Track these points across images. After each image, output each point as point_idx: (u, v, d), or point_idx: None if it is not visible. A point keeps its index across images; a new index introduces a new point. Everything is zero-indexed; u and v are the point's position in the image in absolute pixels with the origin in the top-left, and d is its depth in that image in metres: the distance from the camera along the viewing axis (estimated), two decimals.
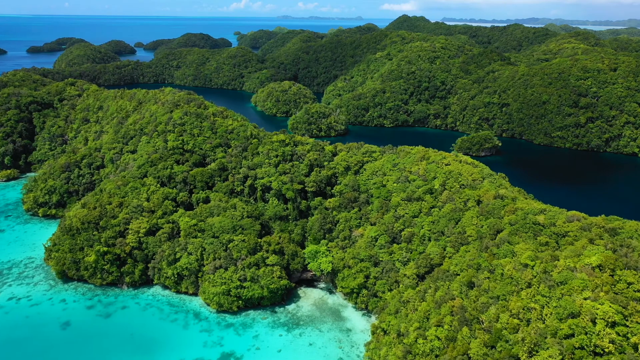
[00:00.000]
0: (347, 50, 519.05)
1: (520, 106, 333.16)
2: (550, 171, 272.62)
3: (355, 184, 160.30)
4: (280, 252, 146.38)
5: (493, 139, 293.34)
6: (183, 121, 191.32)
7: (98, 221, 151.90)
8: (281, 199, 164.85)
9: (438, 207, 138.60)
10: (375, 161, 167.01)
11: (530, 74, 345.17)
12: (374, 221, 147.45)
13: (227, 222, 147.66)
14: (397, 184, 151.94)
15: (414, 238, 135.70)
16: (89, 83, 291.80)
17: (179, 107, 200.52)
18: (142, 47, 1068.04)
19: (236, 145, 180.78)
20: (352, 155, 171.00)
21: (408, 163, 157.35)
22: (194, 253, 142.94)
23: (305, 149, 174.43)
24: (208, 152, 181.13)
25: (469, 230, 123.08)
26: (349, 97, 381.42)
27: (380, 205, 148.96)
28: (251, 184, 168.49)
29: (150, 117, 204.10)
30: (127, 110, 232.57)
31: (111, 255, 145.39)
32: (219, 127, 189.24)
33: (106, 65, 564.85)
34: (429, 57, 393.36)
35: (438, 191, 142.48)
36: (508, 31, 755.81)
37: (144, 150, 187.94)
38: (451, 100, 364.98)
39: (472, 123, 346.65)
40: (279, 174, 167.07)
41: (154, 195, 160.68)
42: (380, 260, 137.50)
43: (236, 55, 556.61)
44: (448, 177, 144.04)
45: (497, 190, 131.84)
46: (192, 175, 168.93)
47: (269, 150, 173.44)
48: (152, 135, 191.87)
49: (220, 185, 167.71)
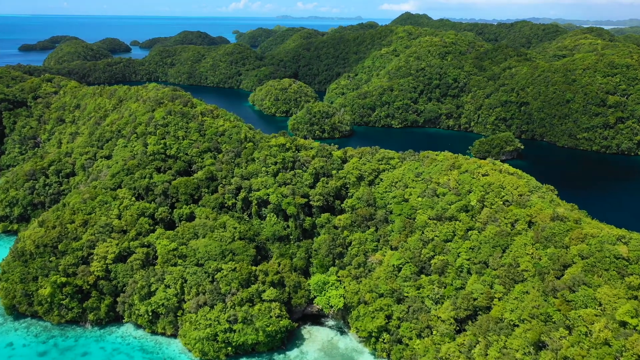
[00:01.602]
0: (350, 47, 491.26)
1: (541, 105, 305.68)
2: (580, 177, 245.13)
3: (371, 198, 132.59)
4: (280, 284, 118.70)
5: (514, 141, 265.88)
6: (166, 121, 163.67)
7: (57, 244, 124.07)
8: (281, 215, 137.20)
9: (477, 229, 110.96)
10: (394, 170, 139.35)
11: (551, 71, 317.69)
12: (396, 245, 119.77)
13: (214, 246, 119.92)
14: (423, 198, 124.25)
15: (448, 269, 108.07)
16: (68, 79, 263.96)
17: (162, 105, 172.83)
18: (137, 45, 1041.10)
19: (228, 150, 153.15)
20: (366, 162, 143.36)
21: (435, 172, 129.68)
22: (172, 285, 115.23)
23: (309, 154, 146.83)
24: (194, 158, 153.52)
25: (523, 263, 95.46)
26: (354, 96, 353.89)
27: (402, 225, 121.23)
28: (245, 197, 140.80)
29: (129, 116, 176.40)
30: (105, 109, 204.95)
31: (71, 287, 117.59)
32: (208, 129, 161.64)
33: (96, 63, 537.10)
34: (439, 52, 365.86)
35: (476, 209, 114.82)
36: (516, 28, 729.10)
37: (120, 155, 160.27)
38: (464, 99, 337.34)
39: (488, 123, 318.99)
40: (278, 185, 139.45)
41: (127, 211, 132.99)
42: (405, 296, 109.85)
43: (233, 52, 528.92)
44: (487, 191, 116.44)
45: (554, 209, 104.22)
46: (175, 186, 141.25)
47: (266, 156, 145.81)
48: (129, 138, 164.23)
49: (208, 199, 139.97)
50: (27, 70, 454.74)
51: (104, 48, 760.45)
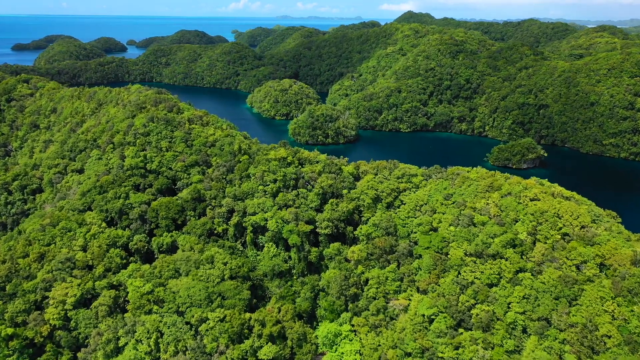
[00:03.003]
0: (354, 46, 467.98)
1: (562, 108, 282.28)
2: (612, 187, 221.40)
3: (390, 225, 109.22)
4: (281, 336, 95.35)
5: (537, 148, 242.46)
6: (147, 130, 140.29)
7: (4, 285, 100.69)
8: (281, 244, 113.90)
9: (530, 271, 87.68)
10: (417, 190, 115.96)
11: (572, 71, 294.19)
12: (425, 287, 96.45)
13: (199, 288, 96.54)
14: (456, 227, 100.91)
15: (496, 324, 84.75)
16: (47, 80, 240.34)
17: (143, 110, 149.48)
18: (134, 45, 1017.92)
19: (218, 165, 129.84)
20: (383, 179, 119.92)
21: (469, 195, 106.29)
22: (145, 340, 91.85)
23: (315, 170, 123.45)
24: (179, 174, 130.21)
25: (603, 325, 72.24)
26: (359, 98, 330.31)
27: (432, 261, 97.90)
28: (238, 223, 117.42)
29: (106, 123, 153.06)
30: (83, 113, 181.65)
31: (20, 340, 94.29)
32: (196, 139, 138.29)
33: (88, 62, 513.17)
34: (450, 51, 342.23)
35: (526, 244, 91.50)
36: (523, 27, 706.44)
37: (93, 169, 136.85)
38: (478, 101, 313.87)
39: (504, 128, 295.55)
40: (277, 207, 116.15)
41: (94, 241, 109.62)
42: (439, 358, 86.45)
43: (231, 51, 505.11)
44: (539, 221, 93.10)
45: (634, 250, 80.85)
46: (154, 208, 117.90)
47: (264, 172, 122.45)
48: (105, 149, 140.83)
49: (194, 224, 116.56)
50: (14, 70, 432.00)
51: (98, 47, 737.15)
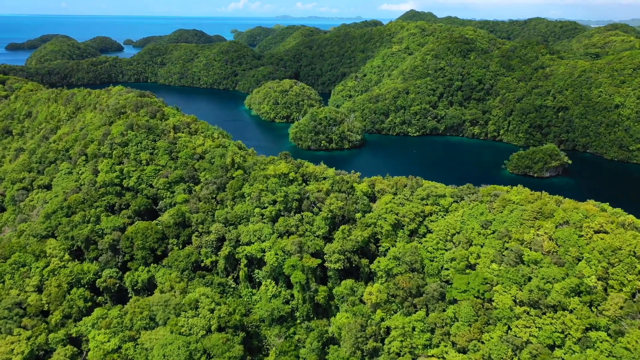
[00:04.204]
0: (357, 44, 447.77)
1: (583, 111, 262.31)
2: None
3: (416, 259, 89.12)
4: None
5: (560, 155, 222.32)
6: (126, 139, 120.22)
7: None
8: (282, 281, 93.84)
9: (606, 329, 67.55)
10: (447, 214, 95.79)
11: (593, 70, 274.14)
12: (463, 344, 76.31)
13: (178, 345, 76.42)
14: (500, 265, 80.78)
15: None
16: (26, 80, 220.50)
17: (122, 115, 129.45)
18: (131, 45, 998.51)
19: (208, 182, 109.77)
20: (404, 200, 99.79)
21: (513, 222, 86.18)
22: None
23: (322, 188, 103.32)
24: (161, 192, 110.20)
25: None
26: (364, 99, 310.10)
27: (472, 309, 77.79)
28: (230, 254, 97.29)
29: (80, 131, 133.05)
30: (59, 118, 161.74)
31: None
32: (182, 149, 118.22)
33: (80, 62, 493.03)
34: (460, 49, 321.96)
35: (597, 292, 71.37)
36: (530, 25, 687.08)
37: (62, 186, 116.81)
38: (492, 103, 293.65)
39: (520, 132, 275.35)
40: (277, 235, 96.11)
41: (53, 278, 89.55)
42: None
43: (229, 50, 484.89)
44: (611, 261, 73.04)
45: None
46: (129, 236, 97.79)
47: (261, 191, 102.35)
48: (76, 162, 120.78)
49: (176, 256, 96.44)
50: (2, 70, 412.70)
51: (93, 47, 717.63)
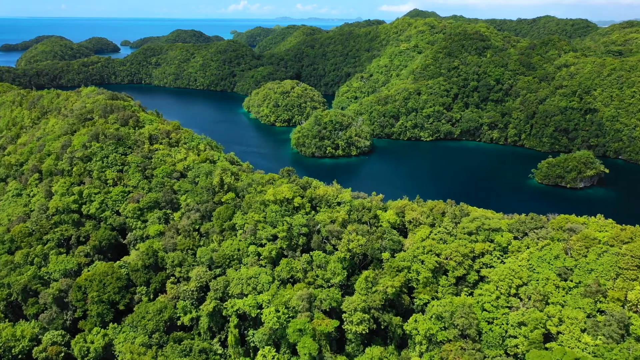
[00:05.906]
0: (361, 43, 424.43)
1: (614, 113, 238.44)
2: None
3: (468, 321, 64.75)
4: None
5: (595, 163, 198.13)
6: (89, 152, 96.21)
7: None
8: (285, 346, 69.49)
9: None
10: (506, 255, 71.33)
11: (624, 69, 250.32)
12: None
13: None
14: (596, 339, 56.41)
15: None
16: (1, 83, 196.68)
17: (88, 122, 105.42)
18: (128, 45, 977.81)
19: (189, 208, 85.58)
20: (445, 235, 75.46)
21: (605, 271, 61.91)
22: None
23: (337, 218, 79.01)
24: (130, 221, 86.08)
25: None
26: (372, 101, 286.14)
27: None
28: (215, 309, 72.95)
29: (36, 141, 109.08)
30: (22, 125, 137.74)
31: None
32: (159, 166, 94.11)
33: (70, 63, 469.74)
34: (476, 47, 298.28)
35: None
36: (539, 24, 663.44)
37: (7, 212, 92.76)
38: (511, 105, 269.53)
39: (544, 136, 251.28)
40: (279, 283, 71.87)
41: None
42: None
43: (227, 50, 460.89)
44: None
45: None
46: (81, 285, 73.61)
47: (257, 222, 78.09)
48: (27, 181, 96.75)
49: (144, 312, 72.19)
50: None
51: (88, 48, 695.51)
